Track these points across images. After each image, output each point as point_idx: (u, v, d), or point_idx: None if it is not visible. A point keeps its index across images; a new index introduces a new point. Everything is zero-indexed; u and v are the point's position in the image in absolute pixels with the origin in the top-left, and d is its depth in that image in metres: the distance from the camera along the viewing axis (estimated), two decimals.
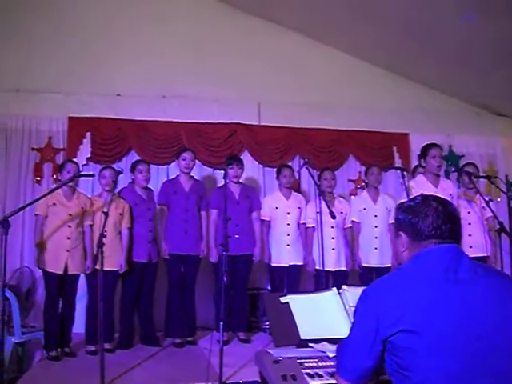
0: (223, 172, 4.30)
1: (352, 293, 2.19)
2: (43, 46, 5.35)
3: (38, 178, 5.18)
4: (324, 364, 1.86)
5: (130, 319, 4.44)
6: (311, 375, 1.76)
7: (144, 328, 4.50)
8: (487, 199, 4.18)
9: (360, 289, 1.61)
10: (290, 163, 5.45)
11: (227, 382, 3.34)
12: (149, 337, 4.45)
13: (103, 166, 4.60)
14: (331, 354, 1.90)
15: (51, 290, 4.04)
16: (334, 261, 4.62)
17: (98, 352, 3.32)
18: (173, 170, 5.20)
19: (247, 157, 5.55)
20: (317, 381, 1.74)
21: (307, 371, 1.79)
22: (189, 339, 4.46)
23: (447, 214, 1.51)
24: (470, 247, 4.18)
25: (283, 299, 2.23)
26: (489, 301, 1.38)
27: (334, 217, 4.16)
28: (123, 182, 4.64)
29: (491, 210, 4.13)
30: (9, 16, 5.33)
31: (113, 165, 4.83)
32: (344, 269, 4.71)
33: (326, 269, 4.34)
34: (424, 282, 1.41)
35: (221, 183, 4.78)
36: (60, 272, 4.02)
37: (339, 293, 2.25)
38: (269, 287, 5.09)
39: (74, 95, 5.29)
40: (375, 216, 4.78)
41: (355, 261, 4.78)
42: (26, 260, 4.85)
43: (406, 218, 1.54)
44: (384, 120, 5.92)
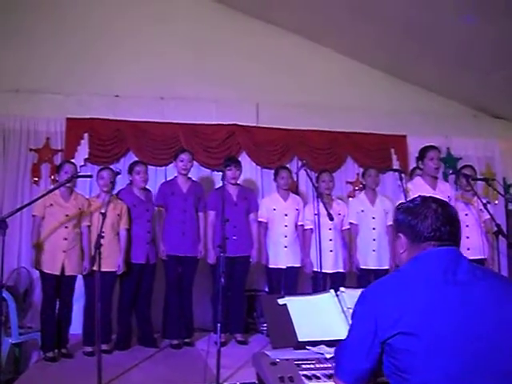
0: (221, 173, 4.31)
1: (350, 295, 2.18)
2: (43, 46, 5.34)
3: (36, 179, 5.16)
4: (321, 366, 1.85)
5: (128, 320, 4.44)
6: (309, 377, 1.76)
7: (142, 329, 4.49)
8: (485, 201, 4.19)
9: (358, 291, 1.61)
10: (288, 165, 5.46)
11: None
12: (146, 338, 4.44)
13: (101, 167, 4.60)
14: (329, 356, 1.89)
15: (48, 291, 4.04)
16: (332, 263, 4.62)
17: (96, 353, 3.33)
18: (171, 172, 5.19)
19: (245, 158, 5.54)
20: (314, 383, 1.73)
21: (305, 373, 1.78)
22: (186, 340, 4.46)
23: (446, 216, 1.50)
24: (468, 249, 4.19)
25: (281, 301, 2.22)
26: (488, 302, 1.38)
27: (332, 219, 4.17)
28: (121, 183, 4.62)
29: (489, 213, 4.14)
30: (9, 16, 5.32)
31: (111, 166, 4.81)
32: (342, 271, 4.71)
33: (324, 271, 4.33)
34: (422, 284, 1.40)
35: (219, 185, 4.78)
36: (57, 273, 4.01)
37: (337, 295, 2.25)
38: (266, 289, 5.10)
39: (74, 96, 5.28)
40: (373, 218, 4.79)
41: (353, 263, 4.77)
42: (24, 261, 4.83)
43: (405, 220, 1.54)
44: (382, 122, 5.92)
